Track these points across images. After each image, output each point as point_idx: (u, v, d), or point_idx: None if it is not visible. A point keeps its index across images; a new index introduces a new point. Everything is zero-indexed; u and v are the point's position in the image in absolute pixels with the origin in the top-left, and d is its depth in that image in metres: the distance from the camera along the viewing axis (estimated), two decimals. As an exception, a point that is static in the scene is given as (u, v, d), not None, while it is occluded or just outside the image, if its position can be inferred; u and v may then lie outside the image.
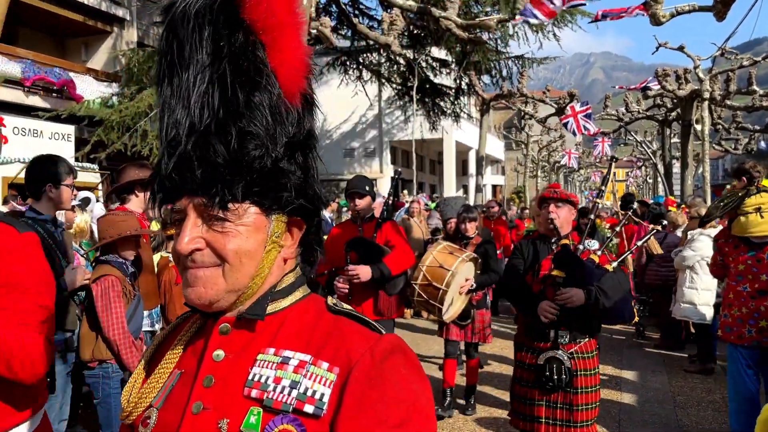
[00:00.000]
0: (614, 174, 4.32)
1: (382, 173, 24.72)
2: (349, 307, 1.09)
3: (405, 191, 18.91)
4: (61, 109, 13.11)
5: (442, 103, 19.22)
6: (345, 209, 12.09)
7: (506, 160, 43.04)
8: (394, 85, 19.17)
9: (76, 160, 10.92)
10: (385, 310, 4.38)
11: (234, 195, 0.96)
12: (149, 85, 13.26)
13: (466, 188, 29.72)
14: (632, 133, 30.35)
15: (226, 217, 0.97)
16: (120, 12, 17.16)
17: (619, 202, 10.41)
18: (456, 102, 19.40)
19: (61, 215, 4.14)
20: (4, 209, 5.14)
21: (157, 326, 4.17)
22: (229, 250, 0.98)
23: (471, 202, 15.57)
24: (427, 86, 18.46)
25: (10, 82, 12.91)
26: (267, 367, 0.99)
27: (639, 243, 4.04)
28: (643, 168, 44.97)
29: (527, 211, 14.15)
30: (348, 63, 18.28)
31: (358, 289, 4.30)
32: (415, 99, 16.50)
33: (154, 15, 18.17)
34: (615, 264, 3.45)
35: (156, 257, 4.50)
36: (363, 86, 18.47)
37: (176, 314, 4.26)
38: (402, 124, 23.38)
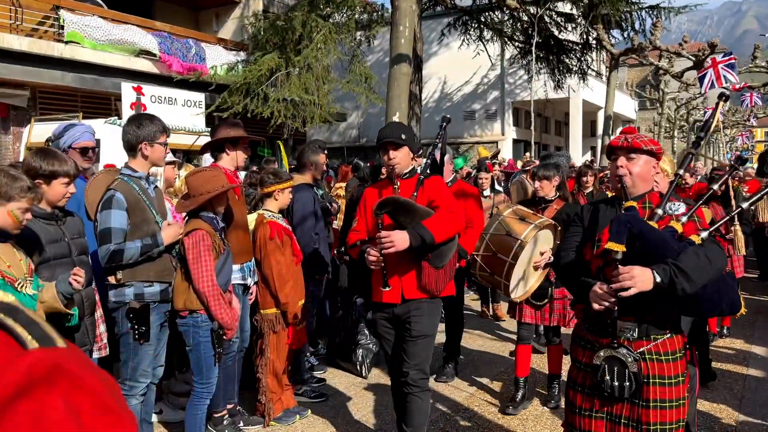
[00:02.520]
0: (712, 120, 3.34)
1: (504, 135, 24.10)
2: None
3: (527, 153, 18.33)
4: (191, 74, 13.87)
5: (567, 61, 18.26)
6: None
7: (640, 121, 40.46)
8: (517, 44, 18.45)
9: (206, 124, 11.53)
10: (431, 286, 3.53)
11: None
12: (270, 51, 13.67)
13: (594, 150, 28.34)
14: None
15: None
16: (249, -19, 17.78)
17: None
18: (583, 59, 18.36)
19: (160, 174, 4.38)
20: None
21: (250, 280, 4.32)
22: None
23: (597, 165, 14.85)
24: (552, 43, 17.60)
25: (147, 53, 13.79)
26: None
27: (744, 205, 2.98)
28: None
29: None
30: (469, 23, 17.80)
31: (394, 261, 3.49)
32: (535, 56, 15.78)
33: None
34: (704, 234, 2.54)
35: (252, 216, 4.65)
36: (485, 46, 17.94)
37: (271, 269, 4.39)
38: (525, 84, 22.51)
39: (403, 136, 3.59)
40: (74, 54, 12.28)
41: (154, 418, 4.48)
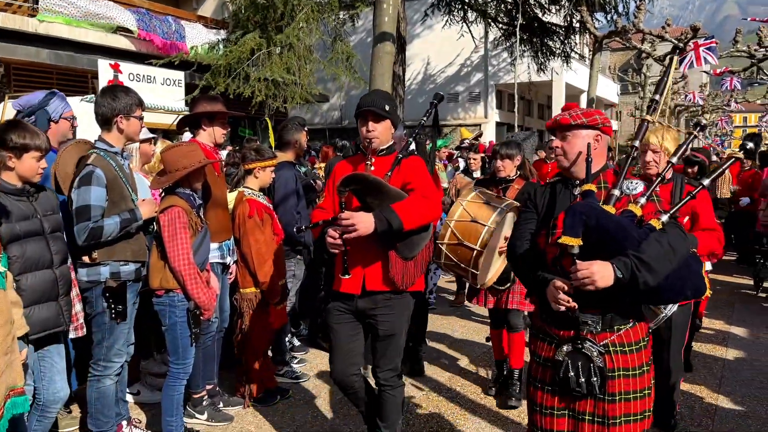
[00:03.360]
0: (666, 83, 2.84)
1: (487, 118, 24.04)
2: None
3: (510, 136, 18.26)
4: (173, 55, 13.58)
5: (551, 43, 18.19)
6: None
7: (622, 105, 40.62)
8: (501, 25, 18.34)
9: (186, 104, 11.31)
10: (397, 279, 3.13)
11: None
12: (252, 30, 13.43)
13: (576, 134, 28.42)
14: (766, 71, 27.45)
15: None
16: (228, -43, 17.41)
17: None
18: (566, 41, 18.30)
19: (135, 150, 4.25)
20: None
21: (229, 259, 4.23)
22: None
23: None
24: (536, 25, 17.50)
25: (124, 29, 13.47)
26: None
27: (705, 182, 2.70)
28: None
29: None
30: (452, 3, 17.63)
31: (356, 247, 3.08)
32: (519, 38, 15.69)
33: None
34: (665, 218, 2.35)
35: (233, 194, 4.55)
36: (468, 27, 17.79)
37: (250, 247, 4.30)
38: (509, 66, 22.41)
39: (387, 108, 3.20)
40: (49, 30, 11.95)
41: (131, 398, 4.40)
